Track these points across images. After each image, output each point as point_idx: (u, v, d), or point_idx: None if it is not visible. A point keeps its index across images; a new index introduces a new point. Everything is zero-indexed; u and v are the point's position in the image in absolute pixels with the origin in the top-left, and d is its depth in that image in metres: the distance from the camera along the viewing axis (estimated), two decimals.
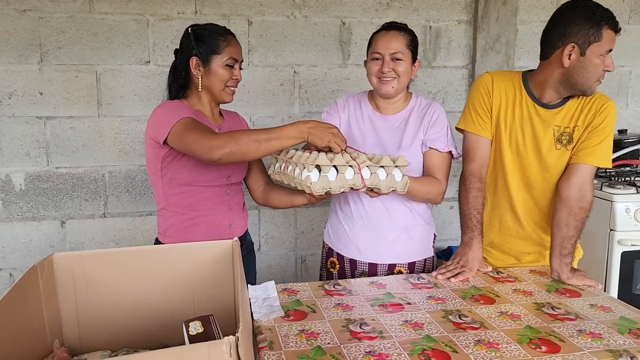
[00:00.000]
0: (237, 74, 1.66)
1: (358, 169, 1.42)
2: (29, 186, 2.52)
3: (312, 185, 1.37)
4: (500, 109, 1.71)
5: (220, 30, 1.65)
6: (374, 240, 1.78)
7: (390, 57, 1.67)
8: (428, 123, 1.75)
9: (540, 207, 1.75)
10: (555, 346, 1.20)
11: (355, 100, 1.84)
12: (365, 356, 1.14)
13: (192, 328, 1.13)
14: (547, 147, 1.67)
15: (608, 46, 1.53)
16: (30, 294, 1.28)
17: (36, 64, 2.43)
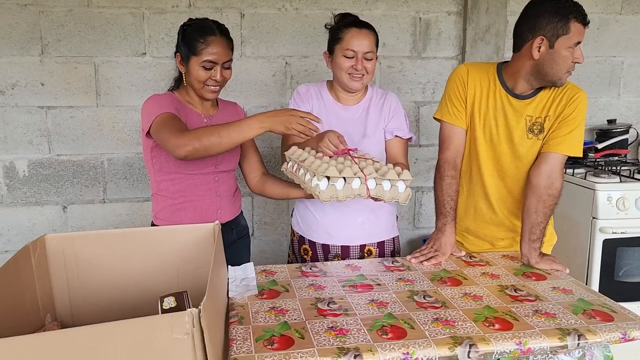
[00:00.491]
0: (215, 75, 1.67)
1: (365, 180, 1.48)
2: (32, 172, 2.63)
3: (320, 193, 1.44)
4: (475, 100, 1.76)
5: (205, 29, 1.65)
6: (344, 224, 1.87)
7: (363, 55, 1.74)
8: (388, 112, 1.88)
9: (513, 195, 1.81)
10: (509, 324, 1.27)
11: (315, 90, 1.90)
12: (326, 331, 1.22)
13: (165, 303, 1.22)
14: (519, 137, 1.73)
15: (576, 39, 1.57)
16: (23, 271, 1.37)
17: (37, 56, 2.53)
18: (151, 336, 0.97)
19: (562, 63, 1.60)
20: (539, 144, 1.73)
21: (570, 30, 1.56)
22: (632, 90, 3.10)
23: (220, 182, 1.80)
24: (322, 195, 1.43)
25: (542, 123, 1.71)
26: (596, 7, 2.94)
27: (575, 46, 1.58)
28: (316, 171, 1.47)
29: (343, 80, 1.80)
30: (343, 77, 1.79)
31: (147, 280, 1.57)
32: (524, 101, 1.72)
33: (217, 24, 1.70)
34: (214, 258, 1.29)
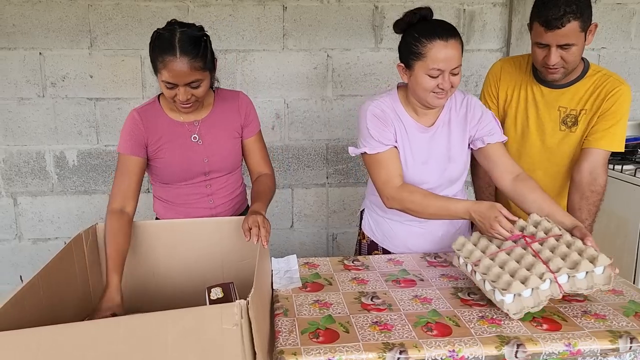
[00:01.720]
0: (180, 97, 1.51)
1: (554, 278, 1.28)
2: (81, 162, 2.72)
3: (508, 310, 1.26)
4: (507, 94, 1.77)
5: (164, 47, 1.49)
6: (424, 238, 1.75)
7: (451, 72, 1.49)
8: (472, 119, 1.64)
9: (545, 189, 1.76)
10: (557, 324, 1.24)
11: (391, 108, 1.63)
12: (371, 325, 1.23)
13: (213, 293, 1.25)
14: (551, 128, 1.71)
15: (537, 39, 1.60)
16: (76, 258, 1.43)
17: (86, 49, 2.60)
18: (201, 326, 1.00)
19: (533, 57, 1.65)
20: (573, 137, 1.70)
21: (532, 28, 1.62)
22: None
23: (214, 188, 1.73)
24: (511, 310, 1.26)
25: (577, 116, 1.68)
26: None
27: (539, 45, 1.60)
28: (497, 286, 1.28)
29: (426, 99, 1.54)
30: (427, 96, 1.53)
31: (192, 270, 1.61)
32: (558, 91, 1.70)
33: (182, 41, 1.49)
34: (260, 250, 1.31)
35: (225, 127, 1.71)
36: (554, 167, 1.75)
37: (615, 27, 2.85)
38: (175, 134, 1.65)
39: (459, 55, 1.48)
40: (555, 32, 1.53)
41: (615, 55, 2.89)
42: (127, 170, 1.60)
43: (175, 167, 1.65)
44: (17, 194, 2.73)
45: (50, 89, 2.63)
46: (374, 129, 1.59)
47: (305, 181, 2.86)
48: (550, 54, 1.57)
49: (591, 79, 1.68)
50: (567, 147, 1.72)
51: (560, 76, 1.64)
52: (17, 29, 2.55)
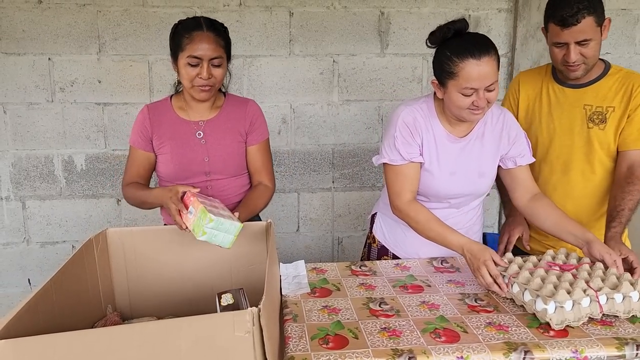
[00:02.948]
0: (202, 73, 1.58)
1: (595, 296, 1.29)
2: (89, 166, 2.75)
3: (550, 319, 1.25)
4: (529, 103, 1.81)
5: (191, 25, 1.59)
6: (439, 248, 1.68)
7: (486, 89, 1.46)
8: (507, 139, 1.65)
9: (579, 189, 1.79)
10: (564, 332, 1.24)
11: (423, 117, 1.62)
12: (380, 331, 1.24)
13: (223, 299, 1.26)
14: (579, 127, 1.73)
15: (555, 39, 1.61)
16: (86, 263, 1.44)
17: (95, 54, 2.62)
18: (214, 333, 1.01)
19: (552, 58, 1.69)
20: (602, 134, 1.71)
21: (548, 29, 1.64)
22: None
23: (215, 189, 1.75)
24: (554, 321, 1.25)
25: (604, 113, 1.69)
26: None
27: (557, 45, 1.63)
28: (541, 294, 1.28)
29: (461, 115, 1.55)
30: (461, 113, 1.53)
31: (201, 275, 1.63)
32: (580, 90, 1.72)
33: (208, 20, 1.61)
34: (269, 256, 1.32)
35: (230, 129, 1.74)
36: (586, 165, 1.76)
37: (620, 32, 2.86)
38: (180, 131, 1.71)
39: (494, 71, 1.45)
40: (571, 30, 1.56)
41: (620, 61, 2.89)
42: (135, 162, 1.76)
43: (176, 164, 1.70)
44: (26, 198, 2.76)
45: (59, 94, 2.65)
46: (400, 140, 1.59)
47: (311, 185, 2.88)
48: (570, 51, 1.60)
49: (614, 77, 1.70)
50: (597, 145, 1.72)
51: (582, 73, 1.66)
52: (27, 35, 2.57)
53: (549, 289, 1.30)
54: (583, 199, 1.80)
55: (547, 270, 1.41)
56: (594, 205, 1.80)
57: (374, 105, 2.79)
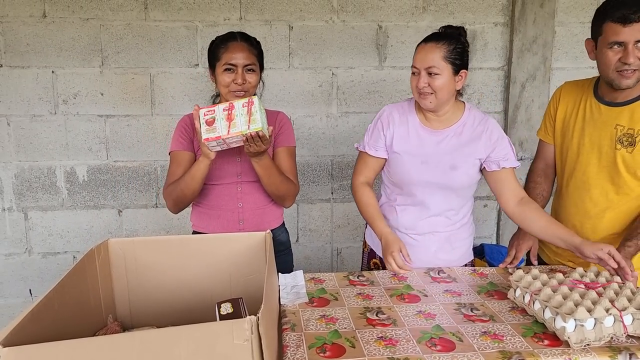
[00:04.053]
0: (237, 78, 1.71)
1: (620, 316, 1.26)
2: (90, 178, 2.78)
3: (569, 338, 1.23)
4: (566, 114, 1.80)
5: (225, 37, 1.75)
6: (417, 251, 1.78)
7: (426, 71, 1.61)
8: (489, 142, 1.72)
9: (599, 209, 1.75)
10: (558, 340, 1.25)
11: (401, 112, 1.78)
12: (376, 341, 1.26)
13: (223, 308, 1.28)
14: (607, 146, 1.69)
15: (612, 38, 1.56)
16: (88, 273, 1.46)
17: (98, 67, 2.67)
18: (213, 341, 1.03)
19: (605, 63, 1.60)
20: (629, 157, 1.66)
21: (604, 30, 1.57)
22: None
23: (245, 192, 1.82)
24: (572, 339, 1.23)
25: (635, 136, 1.64)
26: None
27: (614, 46, 1.56)
28: (560, 311, 1.26)
29: (416, 99, 1.70)
30: (415, 95, 1.69)
31: (201, 284, 1.64)
32: (616, 109, 1.68)
33: (242, 33, 1.78)
34: (268, 266, 1.34)
35: None
36: (609, 185, 1.71)
37: None
38: None
39: (437, 57, 1.60)
40: (632, 27, 1.52)
41: None
42: (180, 164, 1.80)
43: (212, 163, 1.72)
44: (28, 209, 2.78)
45: (62, 106, 2.69)
46: (372, 133, 1.80)
47: (310, 196, 2.90)
48: (628, 52, 1.54)
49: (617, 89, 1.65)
50: (622, 167, 1.67)
51: (634, 81, 1.59)
52: (31, 48, 2.62)
53: (568, 306, 1.27)
54: (602, 219, 1.75)
55: (572, 288, 1.37)
56: (614, 227, 1.75)
57: (372, 117, 2.75)
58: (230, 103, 1.58)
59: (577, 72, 2.85)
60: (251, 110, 1.56)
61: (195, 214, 1.91)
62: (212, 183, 1.81)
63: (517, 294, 1.47)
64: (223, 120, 1.57)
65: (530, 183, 1.90)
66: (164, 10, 2.62)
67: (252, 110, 1.56)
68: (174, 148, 1.83)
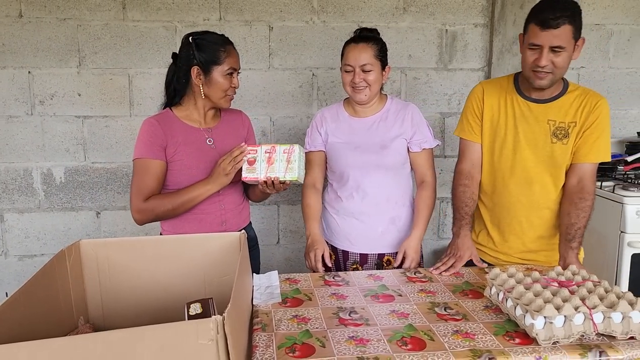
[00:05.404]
0: (235, 83, 1.75)
1: (590, 313, 1.27)
2: (68, 179, 2.74)
3: (537, 335, 1.24)
4: (493, 113, 1.82)
5: (219, 40, 1.72)
6: (364, 232, 1.92)
7: (360, 68, 1.80)
8: (410, 125, 1.90)
9: (542, 202, 1.82)
10: (529, 339, 1.25)
11: (332, 111, 1.99)
12: (347, 340, 1.25)
13: (192, 309, 1.27)
14: (542, 141, 1.76)
15: (532, 40, 1.63)
16: (58, 275, 1.44)
17: (75, 67, 2.64)
18: (177, 341, 1.01)
19: (524, 61, 1.69)
20: (564, 148, 1.75)
21: (528, 30, 1.66)
22: None
23: (226, 194, 1.82)
24: (540, 336, 1.24)
25: (567, 129, 1.74)
26: (627, 18, 2.90)
27: (532, 47, 1.64)
28: (529, 308, 1.28)
29: (349, 94, 1.89)
30: (348, 90, 1.87)
31: (175, 285, 1.63)
32: (544, 105, 1.76)
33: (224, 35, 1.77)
34: (239, 266, 1.33)
35: (233, 135, 1.85)
36: (548, 178, 1.80)
37: (594, 47, 2.93)
38: (191, 137, 1.76)
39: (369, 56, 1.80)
40: (549, 32, 1.59)
41: (594, 75, 2.96)
42: (150, 173, 1.70)
43: (193, 169, 1.73)
44: (4, 211, 2.74)
45: (38, 107, 2.66)
46: (311, 134, 1.99)
47: (291, 197, 2.89)
48: (542, 55, 1.62)
49: (573, 94, 1.75)
50: (560, 159, 1.77)
51: (547, 83, 1.67)
52: (7, 48, 2.58)
53: (538, 303, 1.28)
54: (546, 210, 1.83)
55: (545, 286, 1.39)
56: (555, 217, 1.84)
57: None
58: (272, 146, 1.63)
59: None
60: (290, 159, 1.61)
61: (169, 221, 1.83)
62: None
63: (492, 291, 1.48)
64: (264, 162, 1.63)
65: (460, 187, 1.88)
66: (143, 10, 2.60)
67: (291, 159, 1.62)
68: (143, 155, 1.70)
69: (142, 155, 1.70)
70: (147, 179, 1.70)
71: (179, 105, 1.77)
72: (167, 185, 1.76)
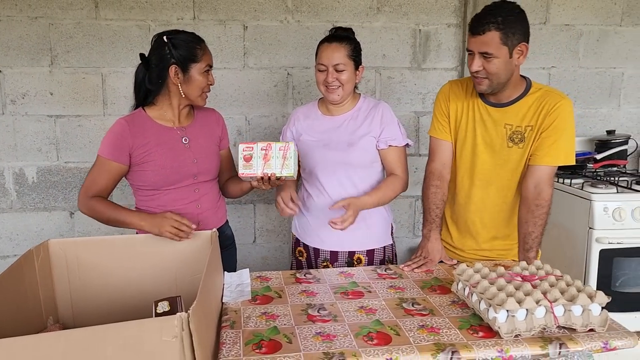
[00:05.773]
0: (212, 80, 1.77)
1: (551, 307, 1.31)
2: (40, 179, 2.71)
3: (499, 328, 1.28)
4: (457, 113, 1.84)
5: (195, 38, 1.74)
6: (334, 230, 1.84)
7: (334, 68, 1.82)
8: (380, 122, 1.90)
9: (498, 203, 1.84)
10: (492, 332, 1.29)
11: (305, 110, 2.01)
12: (314, 336, 1.27)
13: (159, 307, 1.27)
14: (499, 145, 1.77)
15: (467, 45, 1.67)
16: (26, 275, 1.43)
17: (47, 66, 2.61)
18: (141, 339, 1.02)
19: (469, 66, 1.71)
20: (521, 152, 1.76)
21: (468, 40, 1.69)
22: (633, 101, 3.11)
23: (201, 193, 1.83)
24: (502, 329, 1.27)
25: (523, 132, 1.74)
26: (596, 18, 2.96)
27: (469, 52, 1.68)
28: (492, 302, 1.31)
29: (323, 93, 1.90)
30: (322, 89, 1.88)
31: (146, 284, 1.63)
32: (502, 109, 1.76)
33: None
34: (208, 264, 1.34)
35: (207, 133, 1.85)
36: (505, 182, 1.81)
37: (565, 47, 2.99)
38: (165, 137, 1.76)
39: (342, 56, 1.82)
40: (477, 38, 1.62)
41: (565, 74, 3.02)
42: (104, 174, 1.73)
43: (167, 169, 1.73)
44: None
45: (10, 106, 2.63)
46: (285, 133, 2.01)
47: (266, 196, 2.90)
48: (472, 60, 1.65)
49: (533, 96, 1.73)
50: (515, 163, 1.77)
51: (485, 88, 1.69)
52: None
53: (500, 297, 1.31)
54: (500, 212, 1.85)
55: (510, 281, 1.42)
56: (509, 219, 1.86)
57: None
58: (268, 143, 1.64)
59: (528, 72, 2.88)
60: (286, 155, 1.64)
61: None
62: (166, 189, 1.76)
63: (459, 287, 1.51)
64: (260, 158, 1.64)
65: (431, 188, 1.88)
66: (115, 9, 2.59)
67: (287, 155, 1.64)
68: (104, 154, 1.71)
69: (103, 154, 1.71)
70: (100, 178, 1.72)
71: (152, 105, 1.76)
72: (144, 185, 1.76)
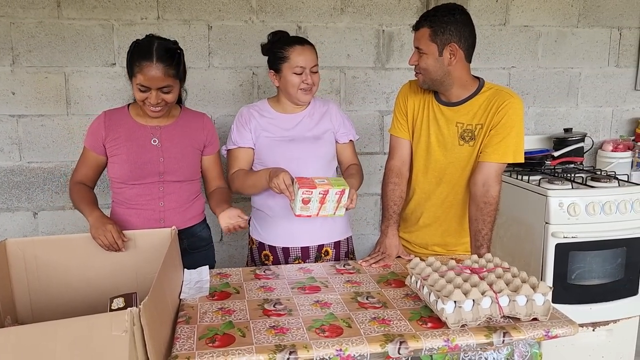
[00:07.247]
0: (150, 99, 1.69)
1: (496, 298, 1.36)
2: (2, 179, 2.68)
3: (447, 319, 1.32)
4: (414, 112, 1.89)
5: (143, 53, 1.66)
6: (305, 226, 1.93)
7: (311, 70, 1.87)
8: (334, 120, 2.01)
9: (450, 199, 1.90)
10: (440, 323, 1.34)
11: (257, 109, 2.00)
12: (267, 329, 1.30)
13: (115, 303, 1.29)
14: (451, 143, 1.83)
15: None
16: None
17: (8, 66, 2.58)
18: (90, 334, 1.04)
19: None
20: (472, 150, 1.80)
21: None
22: (589, 100, 3.23)
23: (167, 192, 1.85)
24: (449, 320, 1.32)
25: (474, 131, 1.79)
26: (554, 20, 3.06)
27: None
28: (440, 294, 1.36)
29: (295, 96, 1.90)
30: (296, 92, 1.89)
31: (106, 282, 1.64)
32: (454, 108, 1.82)
33: (160, 48, 1.69)
34: (164, 260, 1.36)
35: (187, 137, 1.86)
36: (456, 179, 1.85)
37: (524, 47, 3.08)
38: (136, 134, 1.81)
39: (315, 58, 1.90)
40: (414, 34, 1.78)
41: (524, 74, 3.11)
42: (86, 162, 1.87)
43: (132, 164, 1.78)
44: None
45: None
46: (238, 130, 1.96)
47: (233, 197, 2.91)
48: (413, 55, 1.80)
49: (484, 95, 1.78)
50: (466, 161, 1.82)
51: (421, 83, 1.81)
52: None
53: (448, 289, 1.36)
54: (451, 208, 1.91)
55: (459, 274, 1.47)
56: (462, 216, 1.91)
57: None
58: (326, 190, 1.68)
59: (489, 72, 3.01)
60: (340, 199, 1.70)
61: (116, 214, 1.88)
62: (132, 183, 1.81)
63: (412, 280, 1.56)
64: (316, 202, 1.68)
65: (390, 185, 1.92)
66: (78, 8, 2.57)
67: (342, 199, 1.71)
68: (86, 144, 1.86)
69: (86, 144, 1.86)
70: (82, 166, 1.87)
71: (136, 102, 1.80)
72: (114, 177, 1.84)
